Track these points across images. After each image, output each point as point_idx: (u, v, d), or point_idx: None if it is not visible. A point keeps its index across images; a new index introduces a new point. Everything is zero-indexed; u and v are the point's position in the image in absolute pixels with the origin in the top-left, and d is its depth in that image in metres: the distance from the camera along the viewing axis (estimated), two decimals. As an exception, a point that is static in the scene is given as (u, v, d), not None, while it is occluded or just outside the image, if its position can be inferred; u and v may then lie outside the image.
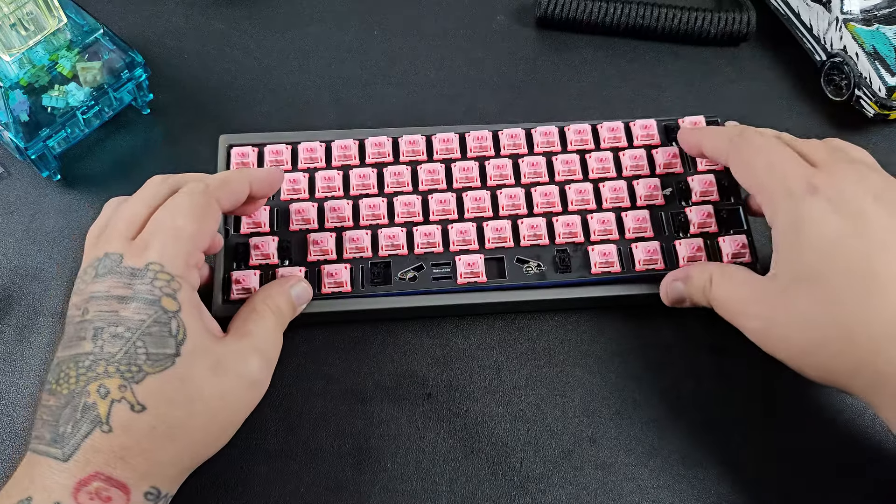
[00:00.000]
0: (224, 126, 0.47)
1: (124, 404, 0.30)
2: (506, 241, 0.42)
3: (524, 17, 0.55)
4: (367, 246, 0.42)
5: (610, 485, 0.39)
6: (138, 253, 0.33)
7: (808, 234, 0.34)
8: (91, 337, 0.31)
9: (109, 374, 0.31)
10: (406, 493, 0.38)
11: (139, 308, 0.32)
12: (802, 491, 0.39)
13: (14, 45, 0.42)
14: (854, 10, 0.50)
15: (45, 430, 0.31)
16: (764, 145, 0.38)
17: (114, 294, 0.32)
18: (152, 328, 0.32)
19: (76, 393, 0.31)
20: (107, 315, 0.32)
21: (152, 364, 0.31)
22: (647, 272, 0.42)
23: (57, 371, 0.32)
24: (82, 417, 0.30)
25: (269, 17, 0.54)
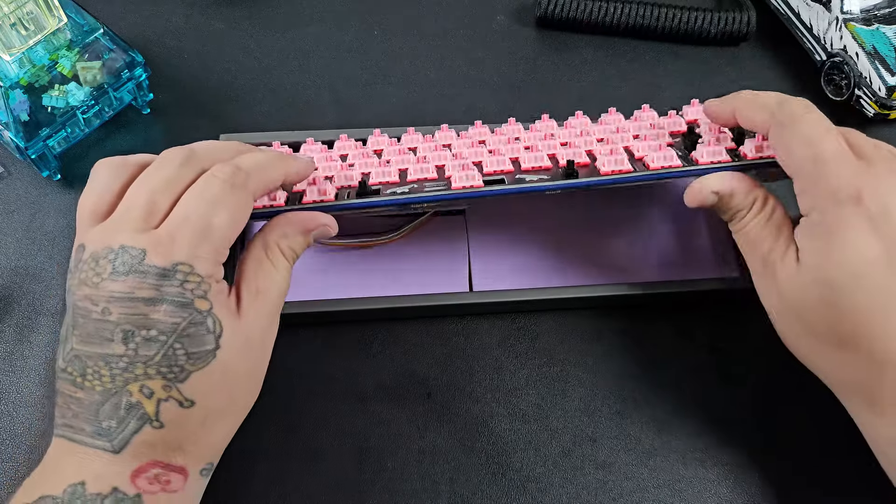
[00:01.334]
0: (224, 126, 0.47)
1: (172, 402, 0.30)
2: (505, 167, 0.39)
3: (524, 17, 0.55)
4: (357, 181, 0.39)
5: (610, 484, 0.39)
6: (164, 250, 0.30)
7: (841, 246, 0.33)
8: (121, 339, 0.30)
9: (150, 375, 0.30)
10: (406, 492, 0.38)
11: (171, 311, 0.30)
12: (803, 491, 0.39)
13: (14, 44, 0.42)
14: (854, 9, 0.50)
15: (82, 422, 0.30)
16: (810, 133, 0.34)
17: (139, 296, 0.30)
18: (189, 329, 0.30)
19: (113, 392, 0.30)
20: (135, 318, 0.30)
21: (194, 362, 0.30)
22: (663, 171, 0.38)
23: (80, 365, 0.30)
24: (128, 414, 0.30)
25: (269, 17, 0.54)
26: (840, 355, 0.34)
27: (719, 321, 0.43)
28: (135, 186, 0.32)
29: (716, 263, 0.44)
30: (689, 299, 0.43)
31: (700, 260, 0.44)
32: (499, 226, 0.44)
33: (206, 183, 0.32)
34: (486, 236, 0.44)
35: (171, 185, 0.32)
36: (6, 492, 0.38)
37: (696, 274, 0.43)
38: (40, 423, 0.39)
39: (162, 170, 0.33)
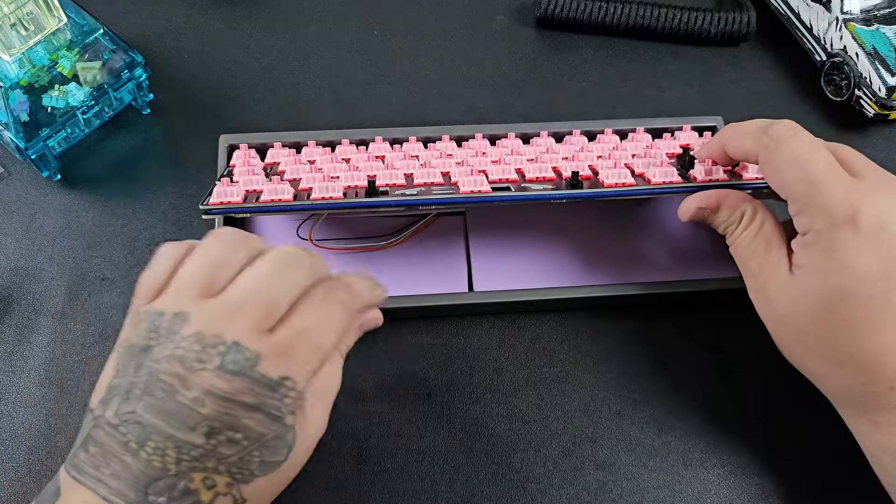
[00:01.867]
0: (224, 126, 0.47)
1: (228, 498, 0.30)
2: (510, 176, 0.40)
3: (524, 17, 0.55)
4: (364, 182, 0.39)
5: (610, 485, 0.39)
6: (278, 361, 0.30)
7: (837, 265, 0.32)
8: (204, 433, 0.29)
9: (219, 471, 0.29)
10: (406, 493, 0.38)
11: (263, 421, 0.30)
12: (803, 491, 0.39)
13: (14, 45, 0.42)
14: (854, 10, 0.50)
15: (124, 486, 0.28)
16: (800, 154, 0.34)
17: (240, 400, 0.29)
18: (271, 441, 0.30)
19: (173, 473, 0.29)
20: (227, 418, 0.29)
21: (263, 470, 0.30)
22: (665, 186, 0.39)
23: (141, 433, 0.29)
24: (182, 498, 0.29)
25: (269, 17, 0.54)
26: (833, 366, 0.34)
27: (719, 321, 0.43)
28: (255, 277, 0.31)
29: (716, 263, 0.44)
30: (689, 299, 0.43)
31: (700, 260, 0.44)
32: (499, 226, 0.44)
33: (328, 306, 0.32)
34: (486, 237, 0.44)
35: (292, 291, 0.31)
36: (6, 492, 0.38)
37: (696, 274, 0.43)
38: (40, 424, 0.39)
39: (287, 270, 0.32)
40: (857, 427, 0.35)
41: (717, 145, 0.39)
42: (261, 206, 0.36)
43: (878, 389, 0.33)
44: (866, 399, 0.34)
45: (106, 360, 0.32)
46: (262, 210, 0.36)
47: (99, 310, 0.42)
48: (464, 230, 0.44)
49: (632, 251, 0.44)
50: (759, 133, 0.35)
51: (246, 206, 0.36)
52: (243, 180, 0.38)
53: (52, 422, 0.39)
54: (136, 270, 0.44)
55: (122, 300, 0.43)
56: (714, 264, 0.44)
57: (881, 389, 0.33)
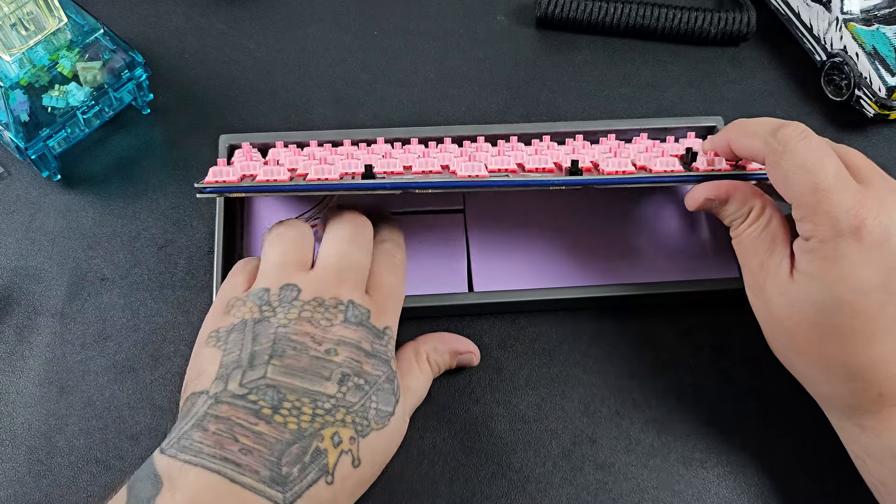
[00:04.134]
0: (224, 126, 0.47)
1: (348, 457, 0.31)
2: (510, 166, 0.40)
3: (524, 17, 0.55)
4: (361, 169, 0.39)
5: (610, 485, 0.39)
6: (381, 314, 0.35)
7: (838, 275, 0.32)
8: (338, 381, 0.32)
9: (346, 423, 0.31)
10: (406, 493, 0.38)
11: (377, 365, 0.33)
12: (803, 491, 0.39)
13: (14, 45, 0.42)
14: (854, 10, 0.50)
15: (256, 461, 0.28)
16: (807, 160, 0.33)
17: (364, 347, 0.33)
18: (384, 385, 0.33)
19: (308, 433, 0.29)
20: (354, 364, 0.33)
21: (378, 421, 0.32)
22: (665, 175, 0.38)
23: (275, 396, 0.29)
24: (312, 463, 0.29)
25: (269, 17, 0.54)
26: (824, 370, 0.34)
27: (719, 321, 0.43)
28: (335, 246, 0.36)
29: (716, 263, 0.44)
30: (689, 299, 0.43)
31: (700, 260, 0.44)
32: (498, 226, 0.44)
33: (393, 268, 0.38)
34: (486, 236, 0.44)
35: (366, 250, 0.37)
36: (6, 492, 0.38)
37: (696, 274, 0.43)
38: (40, 424, 0.39)
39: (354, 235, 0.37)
40: (843, 429, 0.36)
41: (724, 141, 0.38)
42: (256, 185, 0.36)
43: (867, 396, 0.33)
44: (854, 403, 0.34)
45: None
46: (256, 189, 0.36)
47: (99, 310, 0.42)
48: (464, 230, 0.44)
49: (632, 251, 0.44)
50: (768, 135, 0.35)
51: (241, 186, 0.36)
52: (241, 165, 0.38)
53: (52, 422, 0.39)
54: (136, 270, 0.44)
55: (122, 300, 0.43)
56: (714, 264, 0.44)
57: (870, 396, 0.33)
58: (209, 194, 0.36)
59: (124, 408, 0.40)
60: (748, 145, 0.36)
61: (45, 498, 0.37)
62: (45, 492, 0.38)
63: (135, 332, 0.42)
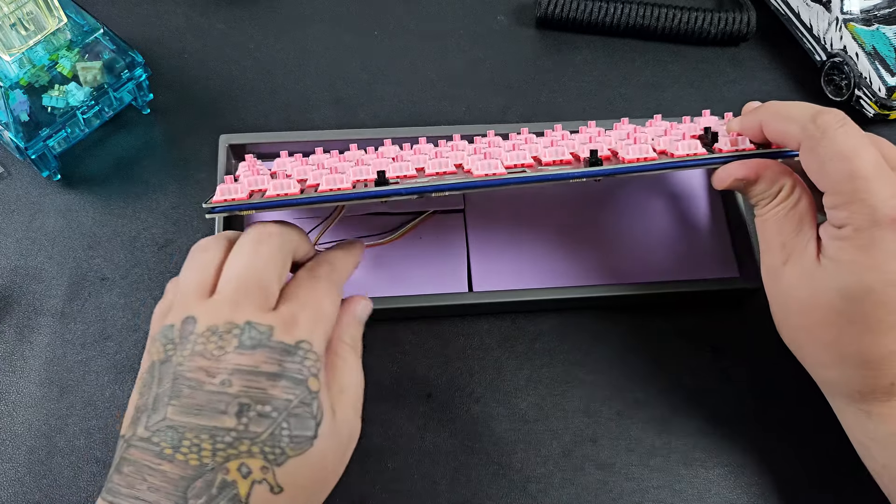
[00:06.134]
0: (224, 126, 0.47)
1: (265, 486, 0.30)
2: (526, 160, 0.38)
3: (524, 17, 0.55)
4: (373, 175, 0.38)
5: (610, 484, 0.39)
6: (289, 329, 0.32)
7: (872, 265, 0.32)
8: (235, 413, 0.30)
9: (253, 454, 0.30)
10: (406, 493, 0.38)
11: (288, 387, 0.31)
12: (803, 491, 0.39)
13: (14, 45, 0.42)
14: (854, 10, 0.50)
15: (162, 497, 0.29)
16: (847, 147, 0.32)
17: (264, 370, 0.30)
18: (297, 409, 0.31)
19: (210, 468, 0.29)
20: (254, 392, 0.30)
21: (294, 447, 0.30)
22: (689, 159, 0.37)
23: (174, 436, 0.30)
24: (219, 494, 0.29)
25: (269, 17, 0.54)
26: (836, 356, 0.34)
27: (719, 321, 0.43)
28: (238, 262, 0.33)
29: (716, 263, 0.44)
30: (689, 299, 0.43)
31: (700, 260, 0.44)
32: (498, 226, 0.44)
33: (312, 280, 0.34)
34: (486, 236, 0.44)
35: (277, 269, 0.33)
36: (6, 492, 0.38)
37: (696, 274, 0.43)
38: (40, 424, 0.39)
39: (262, 247, 0.33)
40: (847, 414, 0.35)
41: (755, 122, 0.37)
42: (266, 201, 0.35)
43: (879, 384, 0.33)
44: (864, 390, 0.34)
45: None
46: (267, 205, 0.35)
47: (99, 310, 0.42)
48: (463, 230, 0.44)
49: (632, 251, 0.44)
50: (807, 120, 0.34)
51: (251, 203, 0.36)
52: (248, 180, 0.37)
53: (52, 422, 0.39)
54: (136, 270, 0.44)
55: (122, 300, 0.43)
56: (714, 264, 0.44)
57: (882, 384, 0.33)
58: (219, 213, 0.35)
59: (124, 408, 0.40)
60: (782, 129, 0.35)
61: (45, 498, 0.37)
62: (45, 492, 0.38)
63: (135, 332, 0.42)
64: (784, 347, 0.36)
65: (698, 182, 0.46)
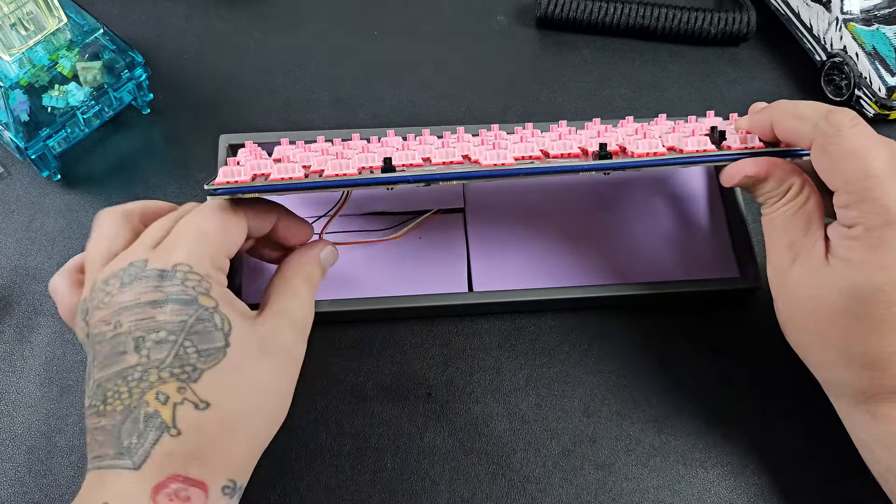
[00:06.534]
0: (224, 126, 0.47)
1: (188, 405, 0.30)
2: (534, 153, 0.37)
3: (524, 17, 0.55)
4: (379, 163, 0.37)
5: (610, 485, 0.39)
6: (164, 256, 0.32)
7: (883, 266, 0.32)
8: (133, 349, 0.30)
9: (164, 380, 0.30)
10: (406, 493, 0.38)
11: (177, 309, 0.31)
12: (802, 491, 0.39)
13: (14, 45, 0.42)
14: (854, 10, 0.50)
15: (106, 448, 0.30)
16: (860, 146, 0.32)
17: (145, 300, 0.31)
18: (197, 326, 0.31)
19: (132, 407, 0.30)
20: (144, 323, 0.31)
21: (205, 360, 0.31)
22: (698, 155, 0.37)
23: (101, 392, 0.31)
24: (146, 427, 0.30)
25: (269, 17, 0.54)
26: (842, 356, 0.34)
27: (719, 321, 0.43)
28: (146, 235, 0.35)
29: (716, 263, 0.44)
30: (689, 299, 0.43)
31: (700, 260, 0.44)
32: (498, 225, 0.44)
33: (202, 205, 0.35)
34: (486, 236, 0.44)
35: (170, 216, 0.35)
36: (6, 492, 0.38)
37: (696, 274, 0.43)
38: (40, 424, 0.39)
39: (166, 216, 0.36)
40: (851, 416, 0.35)
41: (765, 121, 0.36)
42: (270, 184, 0.35)
43: (884, 385, 0.33)
44: (868, 391, 0.33)
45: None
46: (271, 189, 0.35)
47: (99, 310, 0.42)
48: (463, 230, 0.44)
49: (632, 251, 0.44)
50: (819, 119, 0.33)
51: (254, 185, 0.35)
52: (250, 164, 0.37)
53: (52, 422, 0.39)
54: (136, 270, 0.44)
55: (122, 300, 0.43)
56: (714, 264, 0.44)
57: (887, 385, 0.33)
58: (221, 196, 0.35)
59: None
60: (794, 127, 0.35)
61: (45, 498, 0.37)
62: (45, 492, 0.38)
63: (135, 332, 0.42)
64: (784, 347, 0.36)
65: (698, 182, 0.46)
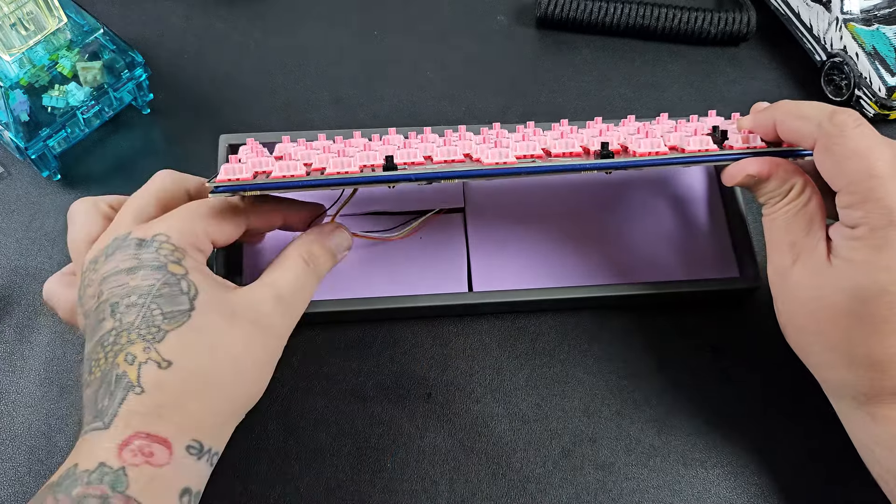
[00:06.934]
0: (224, 126, 0.47)
1: (151, 364, 0.31)
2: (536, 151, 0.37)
3: (524, 17, 0.55)
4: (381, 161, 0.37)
5: (610, 485, 0.39)
6: (146, 227, 0.34)
7: (888, 266, 0.32)
8: (109, 314, 0.32)
9: (132, 341, 0.31)
10: (406, 493, 0.38)
11: (147, 275, 0.32)
12: (802, 491, 0.39)
13: (14, 45, 0.42)
14: (854, 10, 0.50)
15: (88, 415, 0.31)
16: (864, 146, 0.32)
17: (122, 268, 0.33)
18: (163, 290, 0.32)
19: (107, 371, 0.31)
20: (118, 290, 0.32)
21: (169, 321, 0.32)
22: (700, 154, 0.37)
23: (87, 364, 0.32)
24: (116, 387, 0.31)
25: (268, 17, 0.54)
26: (844, 357, 0.34)
27: (719, 321, 0.43)
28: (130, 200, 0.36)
29: (716, 263, 0.44)
30: (689, 299, 0.43)
31: (700, 260, 0.44)
32: (498, 225, 0.44)
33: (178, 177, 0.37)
34: (486, 236, 0.44)
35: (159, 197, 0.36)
36: (6, 492, 0.38)
37: (696, 274, 0.43)
38: (40, 424, 0.39)
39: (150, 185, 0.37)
40: (852, 418, 0.35)
41: (768, 120, 0.36)
42: (272, 182, 0.35)
43: (885, 386, 0.33)
44: (870, 392, 0.33)
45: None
46: (273, 186, 0.35)
47: (99, 310, 0.42)
48: (463, 230, 0.44)
49: (632, 251, 0.44)
50: (823, 119, 0.33)
51: (257, 183, 0.35)
52: (252, 161, 0.36)
53: (52, 422, 0.39)
54: (136, 270, 0.44)
55: (122, 300, 0.43)
56: (714, 264, 0.44)
57: (889, 385, 0.33)
58: (222, 193, 0.34)
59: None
60: (797, 127, 0.35)
61: (45, 498, 0.37)
62: (45, 492, 0.38)
63: (135, 332, 0.42)
64: (784, 347, 0.36)
65: (698, 182, 0.46)
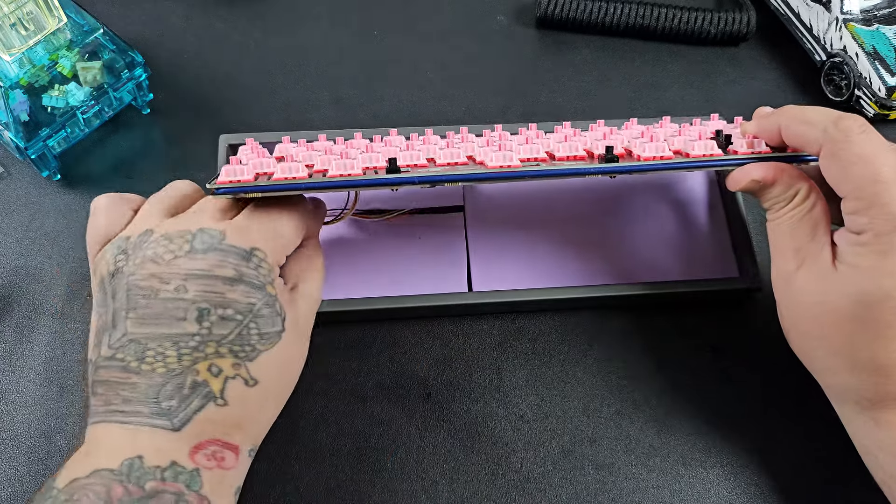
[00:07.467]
0: (224, 126, 0.47)
1: (238, 380, 0.31)
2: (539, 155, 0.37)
3: (524, 17, 0.55)
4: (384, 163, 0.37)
5: (610, 485, 0.39)
6: (243, 235, 0.33)
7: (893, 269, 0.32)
8: (195, 318, 0.31)
9: (221, 354, 0.31)
10: (406, 493, 0.38)
11: (248, 292, 0.32)
12: (802, 491, 0.39)
13: (14, 44, 0.42)
14: (854, 10, 0.50)
15: (137, 405, 0.30)
16: (870, 152, 0.32)
17: (218, 274, 0.32)
18: (263, 311, 0.32)
19: (178, 372, 0.31)
20: (212, 296, 0.31)
21: (265, 342, 0.32)
22: (705, 159, 0.37)
23: (137, 348, 0.31)
24: (192, 393, 0.31)
25: (268, 17, 0.54)
26: (847, 362, 0.34)
27: (719, 321, 0.43)
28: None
29: (716, 263, 0.44)
30: (689, 299, 0.43)
31: (700, 260, 0.44)
32: (498, 225, 0.44)
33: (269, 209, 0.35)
34: (486, 236, 0.44)
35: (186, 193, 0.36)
36: (6, 491, 0.38)
37: (696, 274, 0.43)
38: (40, 423, 0.39)
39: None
40: (855, 423, 0.35)
41: (773, 125, 0.37)
42: (274, 184, 0.34)
43: (890, 390, 0.33)
44: (873, 397, 0.33)
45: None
46: (275, 189, 0.34)
47: (99, 310, 0.42)
48: (463, 230, 0.44)
49: (632, 251, 0.44)
50: (829, 124, 0.33)
51: (258, 185, 0.35)
52: (253, 163, 0.36)
53: (52, 422, 0.39)
54: (136, 270, 0.44)
55: (122, 300, 0.43)
56: (714, 264, 0.44)
57: (892, 391, 0.33)
58: (223, 195, 0.34)
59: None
60: (802, 133, 0.35)
61: (45, 498, 0.37)
62: (44, 492, 0.38)
63: (135, 332, 0.42)
64: (784, 348, 0.36)
65: (698, 183, 0.46)
